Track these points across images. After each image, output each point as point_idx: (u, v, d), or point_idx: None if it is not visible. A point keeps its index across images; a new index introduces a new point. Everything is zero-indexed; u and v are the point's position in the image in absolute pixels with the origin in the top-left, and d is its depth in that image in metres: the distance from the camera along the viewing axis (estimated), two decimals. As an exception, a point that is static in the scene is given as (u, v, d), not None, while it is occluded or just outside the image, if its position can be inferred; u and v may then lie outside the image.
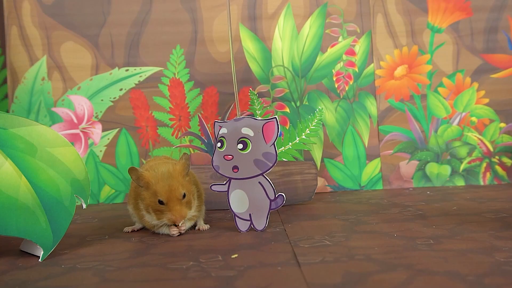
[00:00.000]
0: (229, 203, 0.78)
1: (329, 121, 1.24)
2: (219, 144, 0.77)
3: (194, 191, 0.81)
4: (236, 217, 0.79)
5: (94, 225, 0.92)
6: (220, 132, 0.77)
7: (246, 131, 0.75)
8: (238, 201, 0.77)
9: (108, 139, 1.22)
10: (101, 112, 1.23)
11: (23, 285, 0.55)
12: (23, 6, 1.23)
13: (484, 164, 1.25)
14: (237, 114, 0.88)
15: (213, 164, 0.77)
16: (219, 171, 0.77)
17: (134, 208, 0.83)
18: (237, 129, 0.76)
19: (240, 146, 0.75)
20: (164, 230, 0.79)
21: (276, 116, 0.75)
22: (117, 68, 1.23)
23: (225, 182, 0.78)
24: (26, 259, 0.68)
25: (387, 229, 0.75)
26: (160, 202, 0.76)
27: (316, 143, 1.22)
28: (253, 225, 0.78)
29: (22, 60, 1.23)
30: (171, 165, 0.78)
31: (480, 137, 1.25)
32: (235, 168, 0.76)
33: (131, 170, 0.77)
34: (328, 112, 1.24)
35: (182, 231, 0.79)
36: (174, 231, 0.78)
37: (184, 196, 0.76)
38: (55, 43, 1.23)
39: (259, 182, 0.76)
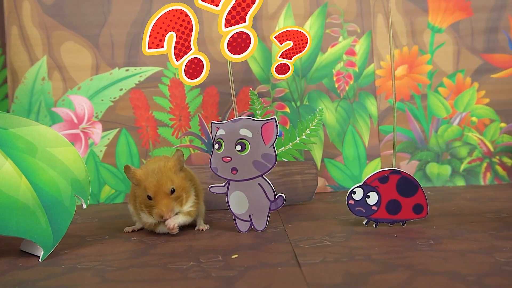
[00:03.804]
0: (228, 204, 0.78)
1: (329, 121, 1.24)
2: (216, 146, 0.76)
3: (188, 188, 0.80)
4: (236, 218, 0.79)
5: (94, 225, 0.92)
6: (217, 134, 0.76)
7: (244, 132, 0.75)
8: (238, 202, 0.77)
9: (108, 139, 1.22)
10: (101, 112, 1.23)
11: (23, 285, 0.55)
12: (23, 6, 1.23)
13: (485, 164, 1.25)
14: (235, 114, 0.88)
15: (211, 166, 0.77)
16: (218, 173, 0.77)
17: (134, 207, 0.83)
18: (235, 130, 0.75)
19: (239, 147, 0.75)
20: (163, 229, 0.79)
21: (275, 117, 0.75)
22: (117, 68, 1.23)
23: (223, 183, 0.78)
24: (26, 259, 0.68)
25: (387, 229, 0.75)
26: (149, 198, 0.76)
27: (316, 143, 1.22)
28: (253, 226, 0.78)
29: (22, 60, 1.23)
30: (163, 162, 0.79)
31: (480, 137, 1.25)
32: (234, 170, 0.75)
33: (126, 169, 0.78)
34: (328, 112, 1.24)
35: (175, 228, 0.77)
36: (174, 230, 0.77)
37: (173, 191, 0.76)
38: (55, 43, 1.23)
39: (259, 184, 0.76)
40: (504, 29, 1.25)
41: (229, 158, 0.75)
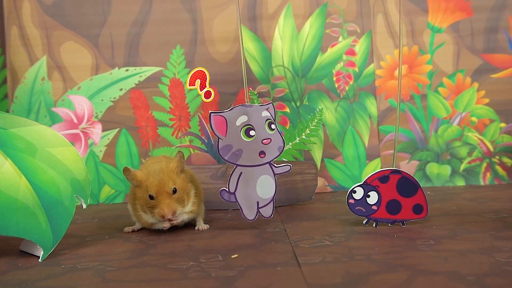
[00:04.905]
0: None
1: (329, 121, 1.24)
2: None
3: (189, 189, 0.80)
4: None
5: (94, 225, 0.92)
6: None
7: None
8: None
9: (108, 139, 1.22)
10: (101, 112, 1.23)
11: (23, 285, 0.55)
12: (23, 6, 1.23)
13: (485, 164, 1.25)
14: (246, 101, 0.88)
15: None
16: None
17: (133, 207, 0.83)
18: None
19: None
20: (158, 225, 0.80)
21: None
22: (117, 68, 1.23)
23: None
24: (26, 259, 0.68)
25: (387, 229, 0.75)
26: (151, 197, 0.76)
27: (316, 143, 1.22)
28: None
29: (22, 60, 1.23)
30: (165, 163, 0.79)
31: (480, 137, 1.25)
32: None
33: (125, 171, 0.78)
34: (328, 112, 1.24)
35: (175, 223, 0.78)
36: (166, 224, 0.78)
37: (174, 191, 0.76)
38: (55, 43, 1.23)
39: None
40: (504, 29, 1.25)
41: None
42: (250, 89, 1.11)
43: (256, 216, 0.78)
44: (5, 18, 1.23)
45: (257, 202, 0.77)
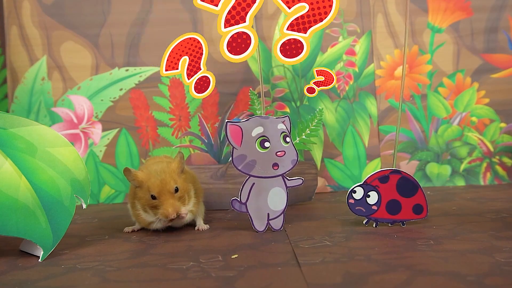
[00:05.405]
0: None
1: (329, 121, 1.24)
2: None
3: (190, 189, 0.81)
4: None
5: (94, 225, 0.92)
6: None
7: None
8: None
9: (108, 139, 1.22)
10: (101, 112, 1.23)
11: (23, 285, 0.55)
12: (23, 6, 1.23)
13: (485, 164, 1.25)
14: (262, 112, 0.88)
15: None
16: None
17: (132, 207, 0.83)
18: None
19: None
20: (157, 225, 0.80)
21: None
22: (117, 68, 1.23)
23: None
24: (26, 259, 0.68)
25: (387, 229, 0.75)
26: (153, 197, 0.76)
27: (316, 143, 1.22)
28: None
29: (22, 60, 1.23)
30: (166, 163, 0.79)
31: (480, 137, 1.25)
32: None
33: (126, 171, 0.78)
34: (328, 112, 1.24)
35: (184, 216, 0.78)
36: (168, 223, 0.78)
37: (176, 190, 0.76)
38: (55, 43, 1.23)
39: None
40: (504, 29, 1.25)
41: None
42: (250, 89, 1.11)
43: (266, 227, 0.78)
44: (5, 18, 1.23)
45: (268, 214, 0.77)
